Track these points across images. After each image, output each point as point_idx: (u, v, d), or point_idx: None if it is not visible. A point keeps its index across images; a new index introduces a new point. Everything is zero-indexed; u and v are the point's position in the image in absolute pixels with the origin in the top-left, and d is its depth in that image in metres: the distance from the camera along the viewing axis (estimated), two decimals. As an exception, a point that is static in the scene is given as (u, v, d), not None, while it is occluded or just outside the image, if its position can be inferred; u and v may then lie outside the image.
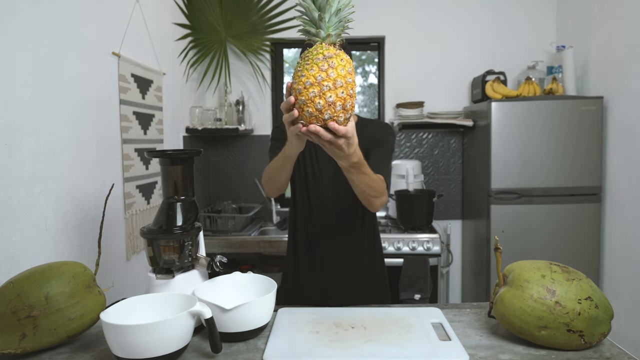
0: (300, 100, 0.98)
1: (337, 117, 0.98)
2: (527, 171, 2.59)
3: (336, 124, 0.99)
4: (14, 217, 1.26)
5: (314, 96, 0.97)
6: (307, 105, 0.98)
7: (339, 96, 0.97)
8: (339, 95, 0.97)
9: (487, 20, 3.15)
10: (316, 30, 1.01)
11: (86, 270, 1.05)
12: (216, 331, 0.95)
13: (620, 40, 2.42)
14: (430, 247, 2.66)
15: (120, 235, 1.89)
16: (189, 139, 2.81)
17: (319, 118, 0.99)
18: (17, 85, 1.29)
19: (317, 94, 0.97)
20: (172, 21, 2.58)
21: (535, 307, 0.96)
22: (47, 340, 0.97)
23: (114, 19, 1.87)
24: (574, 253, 2.58)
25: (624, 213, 2.41)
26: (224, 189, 3.31)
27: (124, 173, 1.91)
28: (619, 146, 2.46)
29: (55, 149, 1.45)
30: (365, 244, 1.54)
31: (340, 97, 0.97)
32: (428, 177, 3.25)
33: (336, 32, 1.01)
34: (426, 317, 1.15)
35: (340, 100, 0.97)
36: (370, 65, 3.46)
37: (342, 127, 0.99)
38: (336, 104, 0.97)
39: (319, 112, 0.98)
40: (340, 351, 0.98)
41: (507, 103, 2.60)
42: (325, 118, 0.98)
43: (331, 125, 0.98)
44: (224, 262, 1.13)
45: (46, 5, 1.42)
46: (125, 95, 1.93)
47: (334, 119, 0.98)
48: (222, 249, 2.66)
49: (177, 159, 1.14)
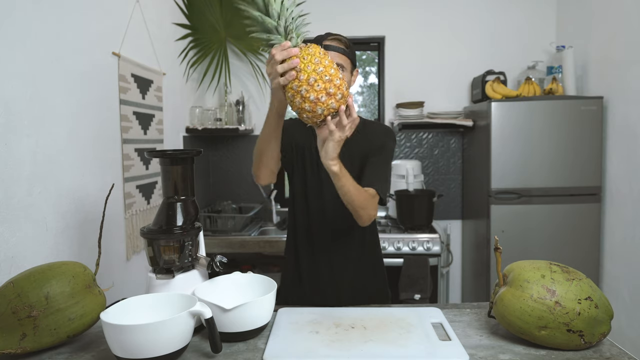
0: (296, 112, 1.05)
1: (330, 105, 1.04)
2: (527, 171, 2.59)
3: (339, 111, 1.05)
4: (14, 217, 1.26)
5: (300, 104, 1.03)
6: (302, 112, 1.03)
7: (318, 89, 1.02)
8: (317, 88, 1.02)
9: (486, 20, 3.15)
10: (274, 36, 1.05)
11: (86, 270, 1.05)
12: (216, 331, 0.95)
13: (620, 40, 2.42)
14: (430, 247, 2.66)
15: (120, 235, 1.89)
16: (189, 139, 2.81)
17: (317, 117, 1.04)
18: (17, 85, 1.29)
19: (301, 100, 1.03)
20: (172, 21, 2.58)
21: (535, 307, 0.96)
22: (47, 340, 0.97)
23: (114, 19, 1.87)
24: (574, 253, 2.58)
25: (624, 213, 2.41)
26: (224, 189, 3.31)
27: (124, 173, 1.91)
28: (619, 146, 2.46)
29: (55, 149, 1.45)
30: (365, 244, 1.54)
31: (320, 90, 1.02)
32: (428, 177, 3.25)
33: (296, 33, 1.06)
34: (426, 317, 1.15)
35: (321, 92, 1.02)
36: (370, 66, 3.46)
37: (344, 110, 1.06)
38: (320, 97, 1.02)
39: (314, 113, 1.03)
40: (340, 351, 0.98)
41: (507, 103, 2.60)
42: (319, 113, 1.04)
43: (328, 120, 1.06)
44: (224, 262, 1.13)
45: (46, 5, 1.42)
46: (125, 95, 1.93)
47: (330, 110, 1.04)
48: (222, 249, 2.66)
49: (177, 159, 1.14)
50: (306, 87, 1.02)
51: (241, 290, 1.17)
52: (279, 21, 1.03)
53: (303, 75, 1.02)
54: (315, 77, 1.02)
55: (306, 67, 1.02)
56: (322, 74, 1.03)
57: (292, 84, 1.03)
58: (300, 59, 1.03)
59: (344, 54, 1.38)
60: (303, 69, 1.02)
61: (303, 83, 1.02)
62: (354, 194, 1.26)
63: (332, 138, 1.11)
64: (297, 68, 1.02)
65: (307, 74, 1.02)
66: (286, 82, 1.05)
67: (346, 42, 1.41)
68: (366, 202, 1.32)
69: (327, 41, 1.39)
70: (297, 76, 1.02)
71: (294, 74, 1.03)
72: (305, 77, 1.02)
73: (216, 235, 2.75)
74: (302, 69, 1.02)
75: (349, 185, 1.24)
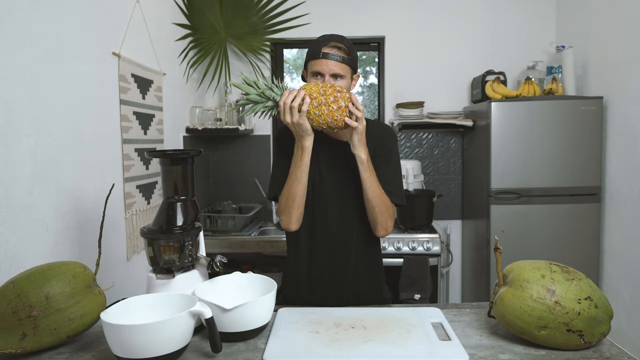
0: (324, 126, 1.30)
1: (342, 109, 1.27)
2: (527, 171, 2.59)
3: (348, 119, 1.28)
4: (15, 217, 1.26)
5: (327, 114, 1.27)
6: (330, 123, 1.28)
7: (331, 101, 1.26)
8: (323, 102, 1.26)
9: (486, 20, 3.15)
10: (274, 94, 1.31)
11: (86, 270, 1.05)
12: (216, 331, 0.95)
13: (620, 41, 2.42)
14: (430, 247, 2.66)
15: (120, 235, 1.89)
16: (189, 139, 2.81)
17: (339, 121, 1.28)
18: (17, 85, 1.29)
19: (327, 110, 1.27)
20: (172, 21, 2.58)
21: (535, 307, 0.96)
22: (47, 340, 0.97)
23: (114, 19, 1.87)
24: (574, 253, 2.58)
25: (624, 213, 2.41)
26: (224, 189, 3.31)
27: (124, 173, 1.91)
28: (619, 146, 2.46)
29: (55, 149, 1.45)
30: (366, 244, 1.54)
31: (331, 102, 1.26)
32: (428, 177, 3.25)
33: (283, 85, 1.31)
34: (426, 317, 1.15)
35: (332, 103, 1.26)
36: (371, 66, 3.46)
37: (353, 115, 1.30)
38: (332, 107, 1.27)
39: (335, 120, 1.28)
40: (340, 351, 0.98)
41: (507, 103, 2.60)
42: (338, 118, 1.27)
43: (347, 120, 1.28)
44: (224, 262, 1.13)
45: (46, 5, 1.42)
46: (125, 95, 1.93)
47: (344, 112, 1.27)
48: (222, 249, 2.66)
49: (177, 159, 1.14)
50: (323, 100, 1.26)
51: (241, 290, 1.17)
52: (272, 86, 1.31)
53: (315, 95, 1.27)
54: (321, 92, 1.27)
55: (310, 90, 1.27)
56: (324, 89, 1.27)
57: (312, 107, 1.26)
58: (302, 90, 1.29)
59: (342, 62, 1.37)
60: (309, 93, 1.27)
61: (317, 100, 1.26)
62: (375, 187, 1.38)
63: (356, 131, 1.30)
64: (305, 96, 1.27)
65: (314, 93, 1.27)
66: (307, 107, 1.26)
67: (346, 48, 1.38)
68: (386, 205, 1.41)
69: (326, 48, 1.36)
70: (310, 101, 1.26)
71: (308, 99, 1.26)
72: (317, 95, 1.26)
73: (216, 235, 2.75)
74: (309, 94, 1.27)
75: (374, 178, 1.38)
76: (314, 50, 1.38)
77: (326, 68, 1.36)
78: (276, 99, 1.30)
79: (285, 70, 3.38)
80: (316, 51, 1.37)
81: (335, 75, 1.37)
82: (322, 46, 1.37)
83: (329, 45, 1.37)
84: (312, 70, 1.39)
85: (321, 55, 1.36)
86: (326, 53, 1.35)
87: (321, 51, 1.36)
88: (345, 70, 1.38)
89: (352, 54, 1.40)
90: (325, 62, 1.35)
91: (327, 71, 1.36)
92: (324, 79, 1.37)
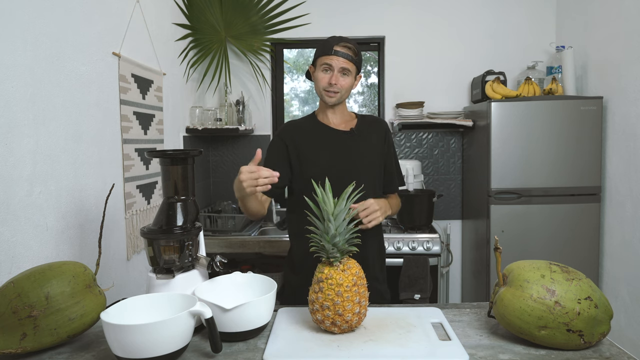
0: None
1: (351, 319, 1.06)
2: (527, 171, 2.59)
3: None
4: (15, 217, 1.26)
5: (338, 306, 1.05)
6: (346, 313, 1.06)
7: (346, 299, 1.05)
8: (346, 298, 1.05)
9: (487, 20, 3.15)
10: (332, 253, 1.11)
11: (86, 270, 1.05)
12: (216, 331, 0.95)
13: (620, 41, 2.42)
14: (430, 247, 2.66)
15: (120, 235, 1.89)
16: (189, 139, 2.81)
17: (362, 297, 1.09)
18: (17, 85, 1.29)
19: (336, 307, 1.05)
20: (172, 21, 2.58)
21: (535, 307, 0.96)
22: (47, 340, 0.97)
23: (114, 19, 1.87)
24: (573, 253, 2.58)
25: (624, 213, 2.41)
26: (224, 189, 3.31)
27: (125, 173, 1.92)
28: (618, 146, 2.46)
29: (55, 149, 1.45)
30: (368, 244, 1.54)
31: (347, 300, 1.05)
32: (428, 177, 3.25)
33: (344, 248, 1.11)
34: (426, 317, 1.15)
35: (348, 302, 1.05)
36: (371, 65, 3.46)
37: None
38: (351, 303, 1.06)
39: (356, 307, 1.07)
40: (340, 351, 0.98)
41: (507, 103, 2.60)
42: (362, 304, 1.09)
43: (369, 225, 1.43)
44: (224, 262, 1.13)
45: (46, 5, 1.42)
46: (125, 96, 1.93)
47: (354, 320, 1.07)
48: (222, 249, 2.66)
49: (177, 159, 1.14)
50: (339, 311, 1.06)
51: (241, 290, 1.17)
52: None
53: (336, 299, 1.06)
54: (342, 296, 1.06)
55: (336, 290, 1.07)
56: (344, 288, 1.07)
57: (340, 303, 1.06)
58: (334, 283, 1.07)
59: (351, 61, 1.53)
60: (330, 289, 1.07)
61: (336, 306, 1.06)
62: (395, 208, 1.67)
63: (377, 220, 1.45)
64: (337, 292, 1.06)
65: (336, 297, 1.06)
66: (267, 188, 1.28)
67: (355, 50, 1.54)
68: (398, 206, 1.72)
69: (337, 46, 1.52)
70: (334, 301, 1.05)
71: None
72: (332, 296, 1.06)
73: (216, 235, 2.75)
74: (330, 289, 1.07)
75: (392, 203, 1.64)
76: (326, 48, 1.54)
77: (336, 63, 1.52)
78: None
79: (285, 70, 3.38)
80: (328, 48, 1.53)
81: (343, 70, 1.53)
82: (334, 44, 1.53)
83: (340, 45, 1.53)
84: (322, 63, 1.54)
85: (333, 52, 1.52)
86: (337, 50, 1.52)
87: (333, 48, 1.52)
88: (352, 68, 1.55)
89: (359, 56, 1.57)
90: (337, 58, 1.52)
91: (337, 65, 1.52)
92: (333, 73, 1.52)
